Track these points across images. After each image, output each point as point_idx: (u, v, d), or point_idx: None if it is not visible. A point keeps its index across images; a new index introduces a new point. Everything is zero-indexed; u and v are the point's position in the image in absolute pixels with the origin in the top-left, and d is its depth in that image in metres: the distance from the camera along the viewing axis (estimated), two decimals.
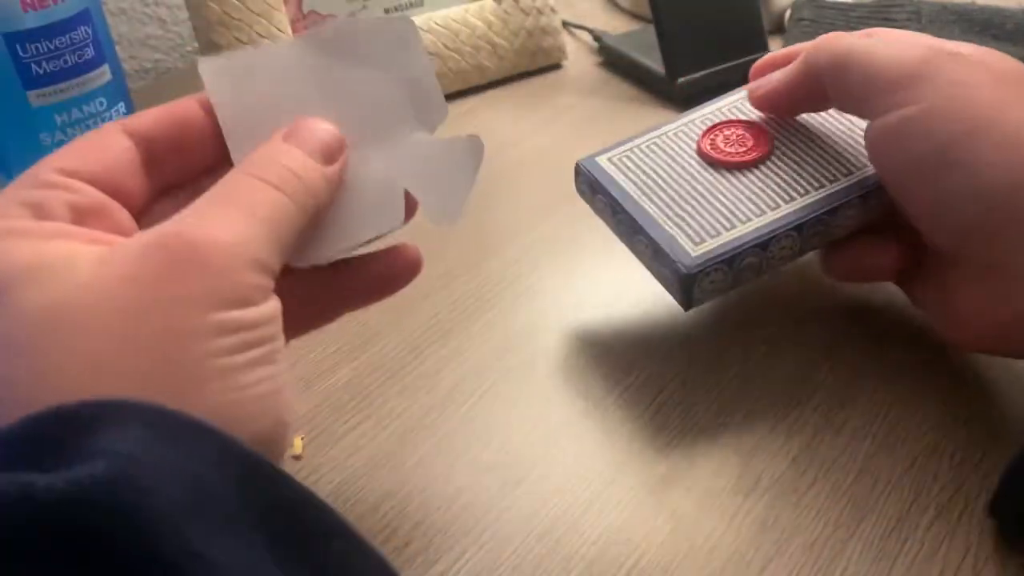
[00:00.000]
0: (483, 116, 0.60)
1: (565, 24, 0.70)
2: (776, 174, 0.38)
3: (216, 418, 0.21)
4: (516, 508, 0.33)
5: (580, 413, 0.37)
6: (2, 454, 0.19)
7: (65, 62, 0.44)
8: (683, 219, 0.37)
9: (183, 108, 0.28)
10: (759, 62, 0.41)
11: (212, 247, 0.23)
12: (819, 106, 0.38)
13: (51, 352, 0.21)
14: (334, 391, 0.39)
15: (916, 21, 0.58)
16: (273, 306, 0.24)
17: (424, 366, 0.40)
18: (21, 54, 0.43)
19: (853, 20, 0.58)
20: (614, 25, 0.71)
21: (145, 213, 0.27)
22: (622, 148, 0.40)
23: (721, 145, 0.39)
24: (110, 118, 0.46)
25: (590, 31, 0.69)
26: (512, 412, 0.37)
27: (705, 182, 0.38)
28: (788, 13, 0.64)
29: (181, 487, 0.18)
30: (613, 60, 0.66)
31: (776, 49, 0.60)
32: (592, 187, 0.40)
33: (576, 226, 0.48)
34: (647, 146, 0.40)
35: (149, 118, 0.27)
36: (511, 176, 0.53)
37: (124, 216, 0.26)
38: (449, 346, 0.41)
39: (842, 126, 0.39)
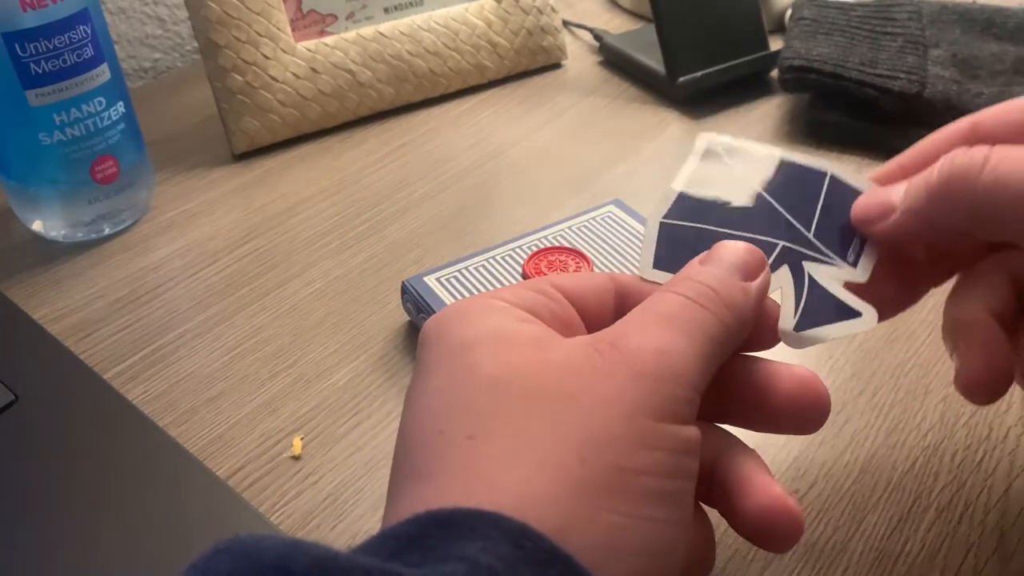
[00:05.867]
0: (483, 116, 0.60)
1: (565, 23, 0.70)
2: None
3: (603, 538, 0.20)
4: None
5: None
6: (386, 547, 0.20)
7: (64, 61, 0.44)
8: None
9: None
10: (882, 170, 0.31)
11: (644, 354, 0.23)
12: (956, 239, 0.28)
13: (482, 409, 0.22)
14: (334, 391, 0.39)
15: (917, 21, 0.58)
16: (695, 433, 0.23)
17: None
18: (20, 53, 0.42)
19: (854, 20, 0.58)
20: (614, 24, 0.71)
21: None
22: (450, 268, 0.41)
23: (545, 270, 0.41)
24: (109, 117, 0.46)
25: (591, 30, 0.68)
26: None
27: None
28: (788, 13, 0.63)
29: None
30: (613, 59, 0.66)
31: (776, 48, 0.60)
32: (417, 306, 0.40)
33: None
34: (475, 267, 0.41)
35: (631, 278, 0.28)
36: (511, 176, 0.53)
37: (583, 333, 0.27)
38: None
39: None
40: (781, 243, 0.29)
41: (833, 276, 0.28)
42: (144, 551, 0.32)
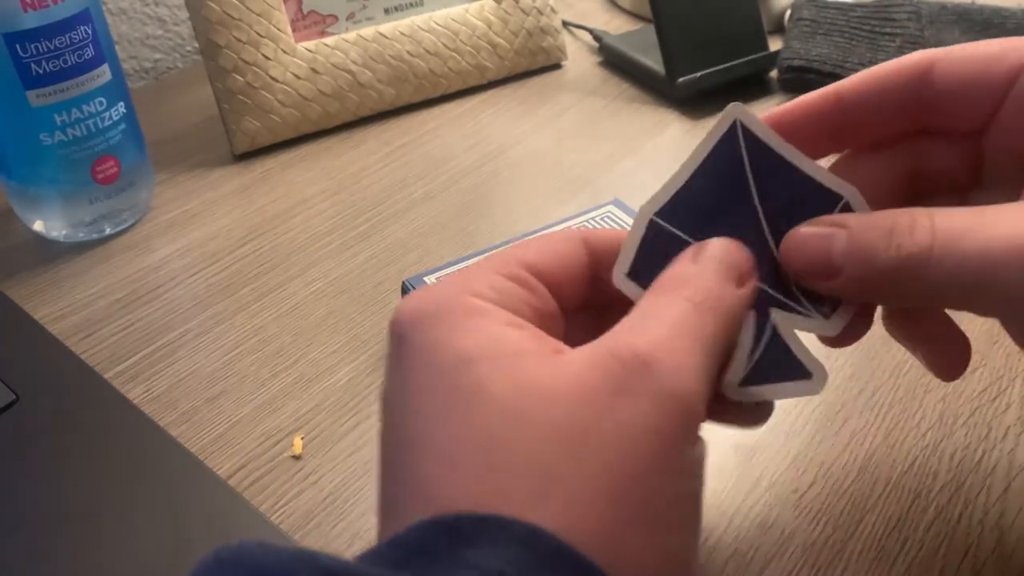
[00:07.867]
0: (483, 116, 0.60)
1: (565, 24, 0.70)
2: None
3: (648, 572, 0.20)
4: None
5: None
6: (392, 555, 0.19)
7: (65, 62, 0.44)
8: None
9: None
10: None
11: (664, 374, 0.21)
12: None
13: (498, 438, 0.21)
14: (334, 391, 0.39)
15: (916, 21, 0.58)
16: (705, 447, 0.22)
17: None
18: (21, 54, 0.42)
19: (853, 20, 0.58)
20: (614, 25, 0.71)
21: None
22: (450, 268, 0.41)
23: None
24: (110, 118, 0.46)
25: (590, 31, 0.69)
26: None
27: None
28: (788, 13, 0.64)
29: None
30: (613, 60, 0.66)
31: (775, 49, 0.60)
32: None
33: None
34: None
35: (604, 237, 0.26)
36: (511, 176, 0.53)
37: (561, 323, 0.26)
38: None
39: None
40: (755, 285, 0.25)
41: (801, 327, 0.26)
42: (144, 551, 0.32)
